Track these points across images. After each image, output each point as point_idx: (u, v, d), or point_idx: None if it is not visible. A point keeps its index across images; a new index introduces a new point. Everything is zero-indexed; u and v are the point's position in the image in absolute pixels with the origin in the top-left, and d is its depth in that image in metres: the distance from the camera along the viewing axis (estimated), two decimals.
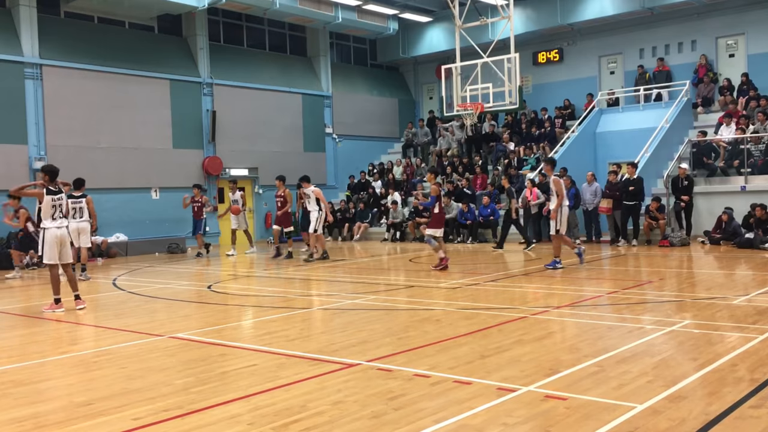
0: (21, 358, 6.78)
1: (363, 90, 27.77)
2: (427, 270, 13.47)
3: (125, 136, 20.39)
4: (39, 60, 18.76)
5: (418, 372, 5.63)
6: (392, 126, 28.55)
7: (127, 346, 7.16)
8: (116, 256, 19.29)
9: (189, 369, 6.10)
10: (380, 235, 22.25)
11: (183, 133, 21.73)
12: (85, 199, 13.71)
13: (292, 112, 24.81)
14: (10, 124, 18.16)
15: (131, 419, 4.71)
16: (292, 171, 23.91)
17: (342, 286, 11.68)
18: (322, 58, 26.07)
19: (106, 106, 19.98)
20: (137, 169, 20.56)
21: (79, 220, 13.51)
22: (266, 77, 24.20)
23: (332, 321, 8.36)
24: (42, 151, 18.69)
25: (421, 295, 10.03)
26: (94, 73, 19.80)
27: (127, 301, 10.70)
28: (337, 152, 26.45)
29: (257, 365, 6.11)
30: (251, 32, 24.74)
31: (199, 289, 11.76)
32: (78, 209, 13.52)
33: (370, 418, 4.56)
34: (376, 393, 5.09)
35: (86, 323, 8.72)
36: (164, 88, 21.34)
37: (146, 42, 21.57)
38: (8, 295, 12.22)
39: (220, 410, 4.83)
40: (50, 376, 6.07)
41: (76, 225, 13.43)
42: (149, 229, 20.66)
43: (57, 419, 4.78)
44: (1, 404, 5.18)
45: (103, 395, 5.32)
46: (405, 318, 8.27)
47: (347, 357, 6.26)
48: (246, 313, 9.45)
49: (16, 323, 9.00)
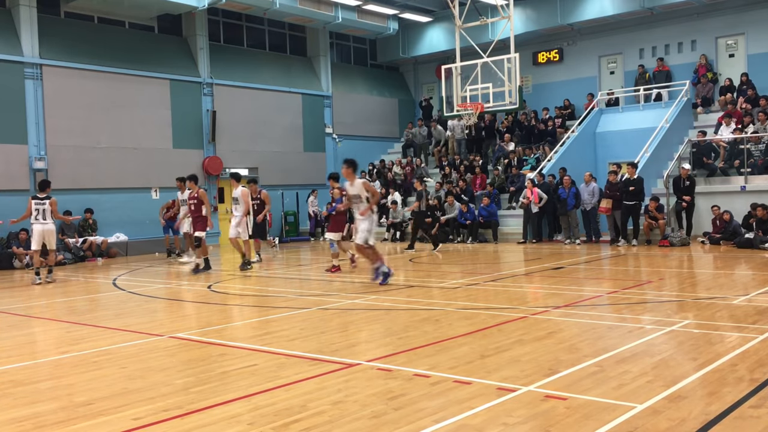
0: (21, 358, 6.78)
1: (363, 90, 27.77)
2: (427, 270, 13.47)
3: (125, 136, 20.40)
4: (39, 60, 18.76)
5: (418, 372, 5.63)
6: (392, 126, 28.55)
7: (127, 346, 7.16)
8: (116, 256, 19.29)
9: (189, 369, 6.10)
10: (380, 234, 22.25)
11: (183, 133, 21.74)
12: (49, 201, 13.47)
13: (292, 112, 24.81)
14: (9, 124, 18.16)
15: (131, 419, 4.71)
16: (292, 171, 23.99)
17: (342, 286, 11.68)
18: (322, 58, 26.08)
19: (106, 106, 19.99)
20: (137, 169, 20.56)
21: (42, 221, 13.34)
22: (266, 77, 24.20)
23: (332, 321, 8.36)
24: (42, 151, 18.69)
25: (420, 295, 10.03)
26: (94, 73, 19.80)
27: (127, 301, 10.70)
28: (337, 152, 26.45)
29: (257, 365, 6.11)
30: (251, 32, 24.74)
31: (199, 289, 11.76)
32: (41, 211, 13.32)
33: (370, 417, 4.56)
34: (376, 393, 5.09)
35: (86, 323, 8.72)
36: (164, 88, 21.34)
37: (146, 42, 21.57)
38: (8, 295, 12.21)
39: (220, 410, 4.83)
40: (50, 376, 6.07)
41: (41, 227, 13.34)
42: (149, 229, 20.65)
43: (57, 419, 4.78)
44: (1, 404, 5.18)
45: (103, 395, 5.31)
46: (405, 318, 8.27)
47: (347, 357, 6.26)
48: (246, 313, 9.44)
49: (16, 323, 9.00)
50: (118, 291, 12.00)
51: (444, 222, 20.33)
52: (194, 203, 14.39)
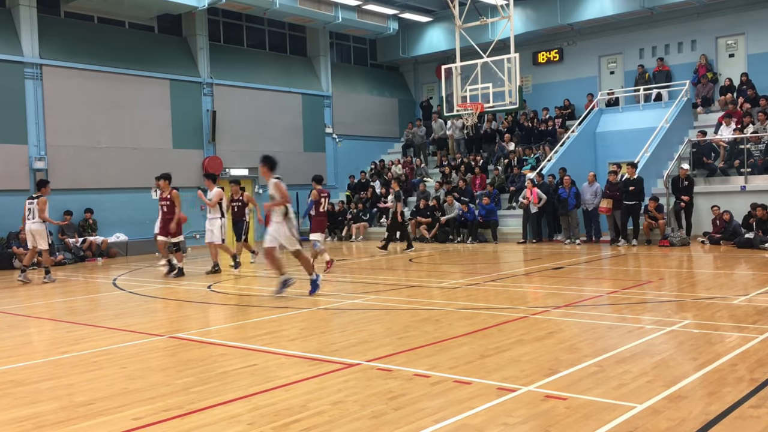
0: (21, 358, 6.78)
1: (363, 90, 27.77)
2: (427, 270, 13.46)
3: (125, 136, 20.40)
4: (39, 60, 18.76)
5: (418, 372, 5.63)
6: (392, 126, 28.56)
7: (127, 346, 7.16)
8: (116, 256, 19.30)
9: (189, 369, 6.10)
10: (380, 234, 22.24)
11: (183, 133, 21.74)
12: (37, 201, 13.42)
13: (292, 112, 24.82)
14: (9, 124, 18.16)
15: (131, 419, 4.71)
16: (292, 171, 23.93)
17: (342, 286, 11.68)
18: (322, 58, 26.08)
19: (106, 106, 19.99)
20: (137, 169, 20.55)
21: (31, 221, 13.42)
22: (266, 77, 24.21)
23: (332, 321, 8.36)
24: (42, 151, 18.69)
25: (420, 295, 10.03)
26: (94, 73, 19.81)
27: (127, 301, 10.70)
28: (337, 152, 26.46)
29: (257, 365, 6.11)
30: (251, 32, 24.74)
31: (198, 289, 11.76)
32: (31, 210, 13.41)
33: (370, 418, 4.56)
34: (376, 393, 5.09)
35: (86, 323, 8.72)
36: (164, 88, 21.34)
37: (146, 42, 21.57)
38: (8, 295, 12.21)
39: (220, 410, 4.84)
40: (50, 376, 6.07)
41: (29, 226, 13.46)
42: (149, 229, 20.60)
43: (57, 419, 4.78)
44: (1, 404, 5.18)
45: (103, 395, 5.32)
46: (405, 318, 8.27)
47: (347, 357, 6.26)
48: (246, 312, 9.44)
49: (16, 323, 9.00)
50: (118, 291, 12.00)
51: (444, 222, 20.34)
52: (167, 204, 13.51)
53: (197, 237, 21.87)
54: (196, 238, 21.80)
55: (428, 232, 20.47)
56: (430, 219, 20.61)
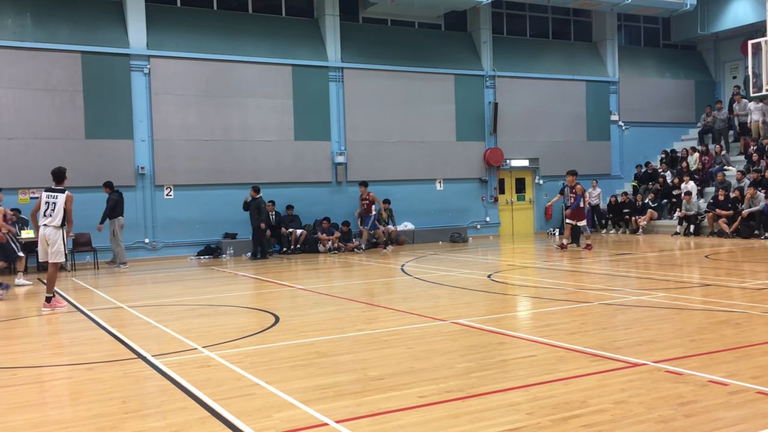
0: (325, 333, 7.59)
1: (653, 73, 25.97)
2: (726, 268, 12.21)
3: (413, 130, 21.62)
4: (340, 63, 20.69)
5: (713, 378, 5.15)
6: (687, 110, 26.30)
7: (413, 328, 7.62)
8: (404, 244, 20.58)
9: (470, 354, 6.30)
10: (671, 228, 20.68)
11: (466, 126, 22.39)
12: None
13: (575, 100, 24.13)
14: (316, 124, 20.21)
15: (417, 396, 5.01)
16: (575, 161, 23.32)
17: (626, 281, 11.11)
18: (609, 42, 24.92)
19: (397, 103, 21.38)
20: (424, 162, 21.68)
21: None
22: (548, 65, 23.86)
23: (614, 317, 8.00)
24: (342, 147, 20.61)
25: (718, 295, 9.13)
26: (387, 72, 21.29)
27: (414, 286, 11.38)
28: (623, 140, 25.15)
29: (536, 356, 6.10)
30: (534, 21, 24.54)
31: (479, 278, 12.06)
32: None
33: (656, 422, 4.29)
34: (663, 396, 4.77)
35: (378, 305, 9.46)
36: (449, 83, 22.17)
37: (433, 39, 22.58)
38: (315, 276, 13.67)
39: (498, 397, 4.92)
40: (348, 351, 6.71)
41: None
42: (434, 219, 21.70)
43: (354, 390, 5.27)
44: (308, 372, 5.87)
45: (392, 371, 5.73)
46: (699, 319, 7.61)
47: (631, 356, 5.95)
48: (525, 303, 9.47)
49: (320, 301, 10.09)
50: (406, 276, 12.81)
51: (746, 216, 18.22)
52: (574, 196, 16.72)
53: (478, 227, 22.45)
54: (477, 228, 22.38)
55: (728, 227, 18.53)
56: (731, 212, 18.60)
